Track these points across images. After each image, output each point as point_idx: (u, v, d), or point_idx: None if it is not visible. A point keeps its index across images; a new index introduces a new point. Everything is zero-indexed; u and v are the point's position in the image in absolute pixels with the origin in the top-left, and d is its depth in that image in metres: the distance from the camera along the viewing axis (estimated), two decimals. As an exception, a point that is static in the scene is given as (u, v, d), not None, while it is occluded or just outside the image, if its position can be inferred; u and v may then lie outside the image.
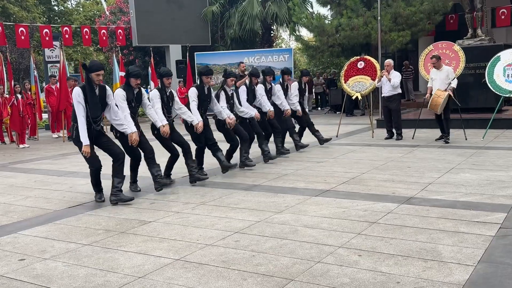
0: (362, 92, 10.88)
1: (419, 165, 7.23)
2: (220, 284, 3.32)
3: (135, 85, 6.13)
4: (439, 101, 9.06)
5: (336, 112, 18.69)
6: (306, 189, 6.06)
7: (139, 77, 6.14)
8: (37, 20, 26.35)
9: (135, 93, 6.19)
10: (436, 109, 9.18)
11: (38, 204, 5.96)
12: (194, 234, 4.45)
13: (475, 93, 12.53)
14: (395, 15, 16.21)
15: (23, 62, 23.82)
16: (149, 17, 20.11)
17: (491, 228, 4.21)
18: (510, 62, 9.94)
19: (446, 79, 9.22)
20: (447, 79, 9.22)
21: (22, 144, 12.58)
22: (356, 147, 9.54)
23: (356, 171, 7.03)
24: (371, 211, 4.89)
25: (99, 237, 4.50)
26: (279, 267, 3.55)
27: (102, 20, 23.59)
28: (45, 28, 17.52)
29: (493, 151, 8.21)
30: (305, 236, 4.22)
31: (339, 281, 3.27)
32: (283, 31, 25.22)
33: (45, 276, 3.62)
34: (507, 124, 11.18)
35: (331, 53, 18.08)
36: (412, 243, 3.92)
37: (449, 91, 9.13)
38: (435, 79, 9.37)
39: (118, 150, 5.85)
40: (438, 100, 9.07)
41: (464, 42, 13.17)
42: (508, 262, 3.46)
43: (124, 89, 6.12)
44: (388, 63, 10.34)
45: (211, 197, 5.85)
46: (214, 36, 22.49)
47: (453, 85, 9.20)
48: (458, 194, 5.42)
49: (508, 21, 18.15)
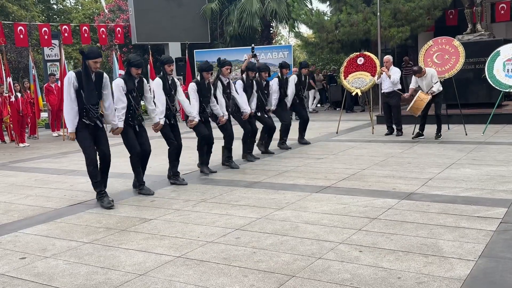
0: (362, 88, 10.87)
1: (419, 161, 7.23)
2: (221, 280, 3.32)
3: (136, 75, 5.87)
4: (421, 104, 8.99)
5: (336, 109, 18.69)
6: (306, 185, 6.06)
7: (140, 67, 5.87)
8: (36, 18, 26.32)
9: (136, 83, 5.93)
10: (417, 112, 9.11)
11: (39, 203, 5.96)
12: (194, 231, 4.45)
13: (475, 88, 12.51)
14: (394, 10, 16.18)
15: (22, 61, 23.79)
16: (148, 15, 20.09)
17: (492, 223, 4.21)
18: (509, 57, 9.92)
19: (431, 82, 9.15)
20: (431, 82, 9.13)
21: (22, 143, 12.58)
22: (356, 143, 9.53)
23: (356, 167, 7.03)
24: (371, 207, 4.89)
25: (100, 235, 4.50)
26: (280, 264, 3.56)
27: (101, 18, 23.56)
28: (44, 27, 17.51)
29: (493, 146, 8.20)
30: (306, 233, 4.22)
31: (340, 277, 3.27)
32: (282, 27, 25.25)
33: (46, 274, 3.62)
34: (507, 119, 11.17)
35: (330, 49, 18.05)
36: (413, 239, 3.92)
37: (429, 94, 9.03)
38: (421, 85, 9.26)
39: (108, 152, 5.63)
40: (421, 104, 8.99)
41: (463, 37, 13.15)
42: (509, 256, 3.46)
43: (124, 78, 5.85)
44: (387, 60, 10.32)
45: (211, 195, 5.85)
46: (214, 34, 22.47)
47: (433, 89, 9.07)
48: (459, 189, 5.42)
49: (507, 16, 18.12)
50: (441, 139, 9.27)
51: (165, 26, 20.29)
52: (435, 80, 9.14)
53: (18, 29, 16.91)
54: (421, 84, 9.28)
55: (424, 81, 9.21)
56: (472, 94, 12.49)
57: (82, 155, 5.71)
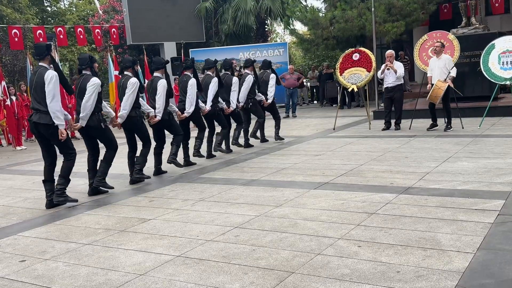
0: (358, 84, 10.88)
1: (417, 155, 7.25)
2: (221, 279, 3.33)
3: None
4: (439, 92, 9.04)
5: (332, 105, 18.71)
6: (304, 182, 6.07)
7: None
8: (30, 21, 26.24)
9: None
10: (436, 100, 9.16)
11: (37, 205, 5.95)
12: (194, 230, 4.46)
13: (470, 82, 12.54)
14: (389, 6, 16.20)
15: (18, 64, 23.72)
16: (143, 15, 20.04)
17: (490, 215, 4.23)
18: (504, 49, 9.94)
19: (444, 68, 9.22)
20: (445, 68, 9.21)
21: (19, 146, 12.56)
22: (353, 139, 9.55)
23: (354, 163, 7.04)
24: (369, 202, 4.91)
25: (99, 236, 4.50)
26: (280, 260, 3.57)
27: (96, 19, 23.51)
28: (38, 29, 17.45)
29: (490, 139, 8.22)
30: (305, 229, 4.23)
31: (339, 272, 3.28)
32: (277, 25, 25.21)
33: (46, 276, 3.63)
34: (503, 112, 11.20)
35: (326, 46, 18.06)
36: (411, 233, 3.93)
37: (449, 81, 9.12)
38: (434, 68, 9.36)
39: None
40: (439, 92, 9.04)
41: (458, 31, 13.17)
42: (507, 248, 3.48)
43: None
44: (390, 54, 10.34)
45: (210, 193, 5.85)
46: (209, 32, 22.44)
47: (452, 74, 9.18)
48: (456, 183, 5.44)
49: (502, 8, 18.17)
50: (438, 133, 9.29)
51: (160, 26, 20.25)
52: (450, 65, 9.20)
53: (13, 32, 16.85)
54: (434, 66, 9.30)
55: (437, 64, 9.24)
56: (468, 88, 12.51)
57: (81, 156, 5.75)
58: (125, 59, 6.86)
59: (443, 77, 9.17)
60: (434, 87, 9.14)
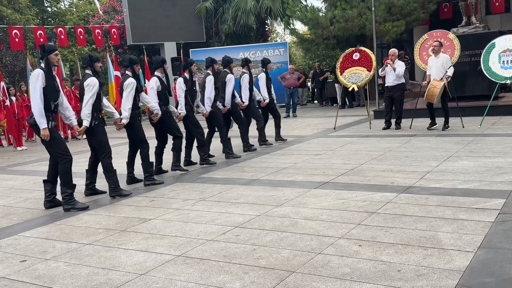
0: (358, 83, 10.88)
1: (417, 154, 7.25)
2: (221, 278, 3.33)
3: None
4: (435, 91, 9.05)
5: (333, 105, 18.71)
6: (305, 181, 6.07)
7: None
8: (31, 21, 26.25)
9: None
10: (433, 99, 9.17)
11: (38, 206, 5.96)
12: (194, 230, 4.46)
13: (471, 81, 12.54)
14: (389, 5, 16.19)
15: (18, 64, 23.73)
16: (143, 15, 20.04)
17: (490, 214, 4.23)
18: (505, 48, 9.94)
19: (441, 67, 9.22)
20: (442, 67, 9.22)
21: (19, 146, 12.56)
22: (354, 138, 9.55)
23: (354, 162, 7.04)
24: (370, 201, 4.91)
25: (99, 236, 4.50)
26: (280, 260, 3.57)
27: (96, 20, 23.52)
28: (39, 30, 17.46)
29: (490, 138, 8.22)
30: (305, 228, 4.23)
31: (340, 271, 3.28)
32: (277, 25, 25.20)
33: (47, 276, 3.63)
34: (503, 111, 11.19)
35: (326, 45, 18.06)
36: (412, 232, 3.93)
37: (445, 79, 9.13)
38: (432, 67, 9.37)
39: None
40: (435, 91, 9.06)
41: (458, 30, 13.17)
42: (508, 247, 3.47)
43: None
44: (393, 52, 10.34)
45: (210, 193, 5.86)
46: (209, 32, 22.43)
47: (449, 74, 9.19)
48: (457, 182, 5.43)
49: (502, 7, 18.16)
50: (439, 132, 9.29)
51: (160, 26, 20.25)
52: (448, 64, 9.21)
53: (13, 33, 16.85)
54: (432, 65, 9.31)
55: (435, 63, 9.25)
56: (468, 87, 12.52)
57: (80, 157, 5.74)
58: (124, 57, 6.91)
59: (440, 76, 9.18)
60: (429, 86, 9.15)
